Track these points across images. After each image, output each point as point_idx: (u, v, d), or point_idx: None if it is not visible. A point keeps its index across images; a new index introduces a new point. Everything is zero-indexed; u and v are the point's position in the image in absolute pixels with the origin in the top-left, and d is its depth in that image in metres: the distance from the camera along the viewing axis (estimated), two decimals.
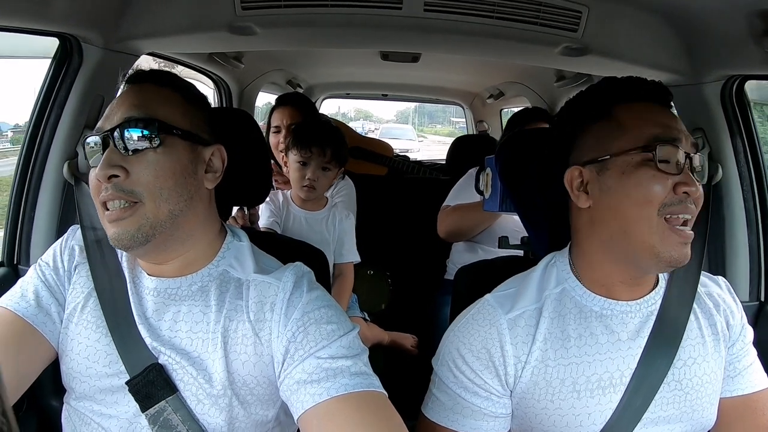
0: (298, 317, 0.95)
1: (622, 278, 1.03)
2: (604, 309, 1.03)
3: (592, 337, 1.02)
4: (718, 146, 1.58)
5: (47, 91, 1.50)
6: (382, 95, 5.23)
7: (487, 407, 1.02)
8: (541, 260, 1.12)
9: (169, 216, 0.96)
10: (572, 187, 1.02)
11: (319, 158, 2.06)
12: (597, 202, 1.00)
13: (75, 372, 1.01)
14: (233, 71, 2.88)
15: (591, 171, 1.00)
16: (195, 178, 1.00)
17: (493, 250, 2.05)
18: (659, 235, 0.94)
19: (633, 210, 0.95)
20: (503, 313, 1.03)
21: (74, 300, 1.05)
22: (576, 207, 1.04)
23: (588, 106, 1.05)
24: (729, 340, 1.08)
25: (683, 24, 1.48)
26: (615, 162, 0.97)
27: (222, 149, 1.06)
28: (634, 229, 0.95)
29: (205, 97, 1.11)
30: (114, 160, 0.93)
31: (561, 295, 1.05)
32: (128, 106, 0.97)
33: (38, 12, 1.23)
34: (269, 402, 1.01)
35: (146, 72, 1.05)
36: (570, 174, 1.03)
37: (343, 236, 2.22)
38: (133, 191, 0.93)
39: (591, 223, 1.02)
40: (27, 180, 1.52)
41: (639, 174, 0.94)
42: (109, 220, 0.94)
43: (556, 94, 3.15)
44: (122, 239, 0.94)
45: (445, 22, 1.53)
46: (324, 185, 2.14)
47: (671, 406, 1.02)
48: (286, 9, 1.52)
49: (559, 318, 1.03)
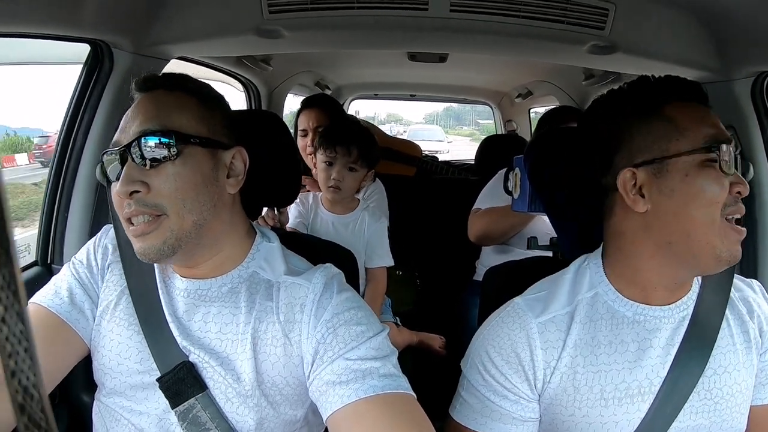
0: (327, 318, 0.95)
1: (666, 282, 1.00)
2: (637, 315, 1.00)
3: (623, 345, 0.99)
4: (749, 144, 1.54)
5: (79, 96, 1.53)
6: (410, 95, 5.22)
7: (515, 411, 1.00)
8: (572, 263, 1.09)
9: (194, 226, 0.95)
10: (626, 190, 0.97)
11: (344, 158, 2.04)
12: (656, 206, 0.95)
13: (107, 368, 1.03)
14: (261, 74, 2.90)
15: (647, 173, 0.95)
16: (217, 185, 0.99)
17: (524, 252, 2.02)
18: (721, 236, 0.92)
19: (699, 212, 0.91)
20: (534, 317, 1.01)
21: (107, 297, 1.06)
22: (623, 210, 1.00)
23: (633, 104, 1.00)
24: (761, 347, 1.05)
25: (712, 20, 1.45)
26: (675, 164, 0.93)
27: (243, 151, 1.04)
28: (698, 231, 0.92)
29: (221, 98, 1.08)
30: (134, 175, 0.92)
31: (593, 300, 1.02)
32: (143, 119, 0.96)
33: (70, 20, 1.26)
34: (298, 402, 1.01)
35: (157, 78, 1.03)
36: (623, 176, 0.97)
37: (374, 240, 2.17)
38: (156, 205, 0.93)
39: (645, 227, 0.97)
40: (60, 182, 1.56)
41: (703, 175, 0.91)
42: (134, 234, 0.94)
43: (584, 93, 3.10)
44: (149, 253, 0.94)
45: (471, 22, 1.52)
46: (350, 186, 2.10)
47: (700, 416, 0.99)
48: (313, 12, 1.52)
49: (590, 323, 1.01)
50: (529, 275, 1.13)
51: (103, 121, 1.53)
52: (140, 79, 1.02)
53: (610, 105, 1.05)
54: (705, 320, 1.01)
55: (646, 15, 1.52)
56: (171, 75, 1.05)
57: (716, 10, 1.41)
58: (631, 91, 1.03)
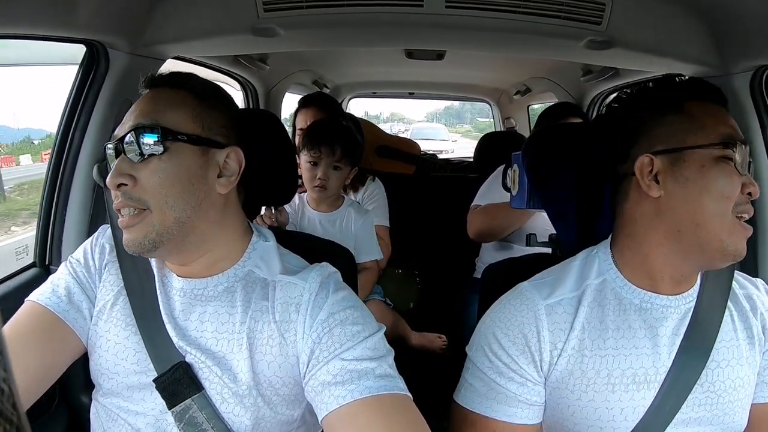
0: (323, 318, 0.95)
1: (673, 273, 1.01)
2: (644, 302, 1.01)
3: (630, 331, 1.00)
4: (748, 139, 1.53)
5: (75, 97, 1.53)
6: (409, 94, 5.22)
7: (522, 393, 1.00)
8: (580, 252, 1.10)
9: (176, 223, 0.96)
10: (642, 175, 0.99)
11: (328, 158, 2.05)
12: (669, 193, 0.97)
13: (103, 368, 1.03)
14: (259, 73, 2.90)
15: (664, 161, 0.98)
16: (205, 183, 0.99)
17: (524, 249, 2.02)
18: (729, 230, 0.94)
19: (711, 204, 0.94)
20: (541, 299, 1.02)
21: (104, 297, 1.06)
22: (636, 196, 1.02)
23: (658, 100, 1.03)
24: (764, 344, 1.05)
25: (710, 14, 1.45)
26: (692, 155, 0.96)
27: (238, 151, 1.03)
28: (708, 222, 0.94)
29: (226, 98, 1.09)
30: (123, 168, 0.94)
31: (601, 286, 1.03)
32: (137, 114, 0.98)
33: (65, 20, 1.26)
34: (295, 402, 1.01)
35: (162, 76, 1.04)
36: (641, 161, 0.99)
37: (361, 235, 2.19)
38: (140, 199, 0.94)
39: (657, 213, 0.99)
40: (58, 182, 1.56)
41: (718, 169, 0.94)
42: (121, 226, 0.96)
43: (583, 89, 3.10)
44: (131, 245, 0.96)
45: (467, 18, 1.52)
46: (335, 185, 2.12)
47: (703, 408, 1.00)
48: (308, 10, 1.52)
49: (598, 308, 1.02)
50: (528, 272, 1.13)
51: (99, 121, 1.53)
52: (148, 76, 1.04)
53: (636, 99, 1.07)
54: (707, 313, 1.02)
55: (644, 10, 1.52)
56: (177, 73, 1.05)
57: (714, 4, 1.41)
58: (656, 88, 1.06)
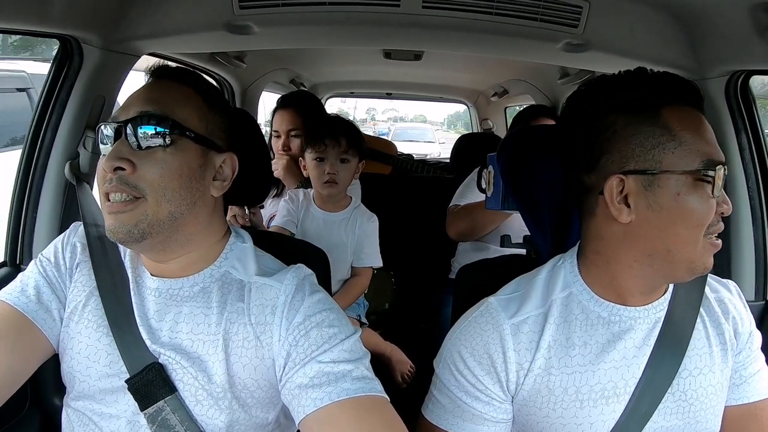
0: (299, 321, 0.95)
1: (642, 289, 0.99)
2: (612, 315, 0.99)
3: (597, 345, 0.99)
4: (723, 143, 1.55)
5: (48, 92, 1.50)
6: (387, 94, 5.22)
7: (487, 412, 1.00)
8: (547, 262, 1.08)
9: (169, 217, 0.95)
10: (612, 198, 0.93)
11: (335, 150, 2.02)
12: (641, 218, 0.92)
13: (75, 371, 1.01)
14: (235, 71, 2.87)
15: (636, 182, 0.91)
16: (202, 183, 0.99)
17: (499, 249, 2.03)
18: (700, 253, 0.92)
19: (685, 233, 0.91)
20: (507, 318, 1.00)
21: (75, 298, 1.04)
22: (605, 215, 0.96)
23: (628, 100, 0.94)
24: (736, 348, 1.05)
25: (686, 19, 1.46)
26: (669, 180, 0.90)
27: (234, 158, 1.05)
28: (679, 248, 0.92)
29: (226, 103, 1.10)
30: (123, 152, 0.93)
31: (567, 300, 1.02)
32: (145, 100, 0.97)
33: (38, 14, 1.23)
34: (269, 405, 1.01)
35: (170, 68, 1.05)
36: (610, 185, 0.93)
37: (363, 239, 2.16)
38: (137, 186, 0.93)
39: (626, 237, 0.95)
40: (29, 180, 1.52)
41: (695, 197, 0.90)
42: (109, 211, 0.94)
43: (559, 92, 3.13)
44: (118, 232, 0.94)
45: (444, 18, 1.52)
46: (346, 179, 2.07)
47: (674, 417, 1.00)
48: (284, 8, 1.51)
49: (564, 324, 1.00)
50: (502, 273, 1.13)
51: (72, 117, 1.50)
52: (156, 65, 1.05)
53: (601, 96, 0.98)
54: (678, 321, 1.01)
55: (620, 13, 1.53)
56: (185, 70, 1.07)
57: (690, 9, 1.43)
58: (625, 83, 0.97)
